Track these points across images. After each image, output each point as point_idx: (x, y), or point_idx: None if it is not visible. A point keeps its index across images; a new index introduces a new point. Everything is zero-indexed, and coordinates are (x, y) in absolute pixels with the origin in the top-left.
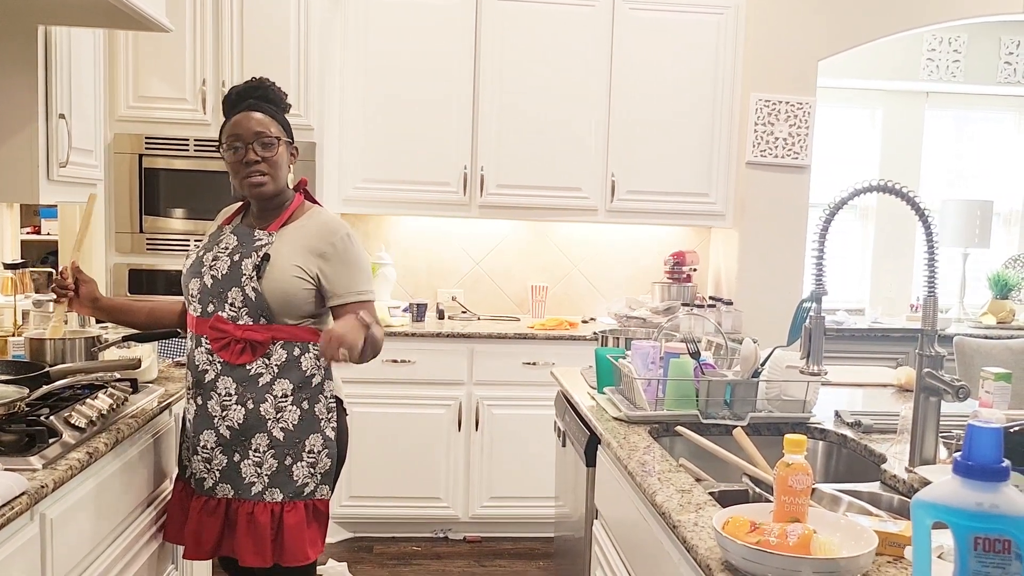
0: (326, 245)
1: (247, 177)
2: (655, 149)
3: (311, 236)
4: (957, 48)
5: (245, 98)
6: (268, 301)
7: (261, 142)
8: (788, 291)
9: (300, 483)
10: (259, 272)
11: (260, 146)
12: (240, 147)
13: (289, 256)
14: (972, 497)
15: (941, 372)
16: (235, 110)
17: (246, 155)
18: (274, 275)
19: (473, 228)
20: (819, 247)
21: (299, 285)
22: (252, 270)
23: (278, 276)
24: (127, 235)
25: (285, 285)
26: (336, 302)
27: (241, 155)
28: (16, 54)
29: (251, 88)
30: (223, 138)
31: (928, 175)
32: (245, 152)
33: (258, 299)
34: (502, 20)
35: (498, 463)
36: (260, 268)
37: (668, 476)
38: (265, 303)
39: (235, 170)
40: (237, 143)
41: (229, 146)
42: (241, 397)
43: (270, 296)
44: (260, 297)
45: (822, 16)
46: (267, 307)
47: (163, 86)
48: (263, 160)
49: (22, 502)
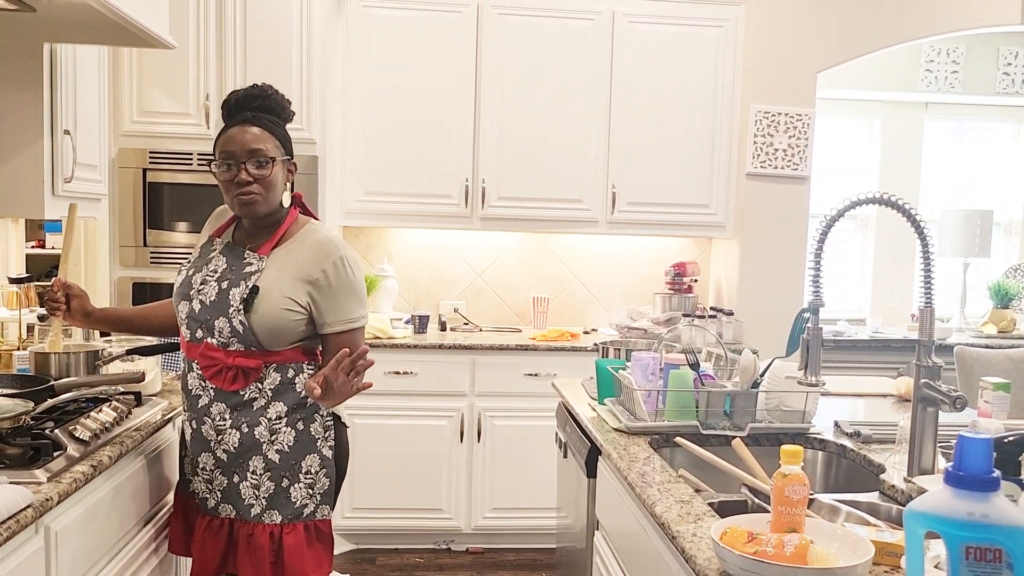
0: (318, 272)
1: (237, 196)
2: (655, 161)
3: (303, 261)
4: (956, 59)
5: (244, 107)
6: (256, 333)
7: (255, 160)
8: (789, 301)
9: (299, 505)
10: (247, 305)
11: (253, 165)
12: (232, 165)
13: (279, 287)
14: (963, 507)
15: (938, 382)
16: (232, 120)
17: (238, 174)
18: (262, 308)
19: (475, 240)
20: (816, 258)
21: (289, 317)
22: (240, 303)
23: (266, 310)
24: (131, 248)
25: (274, 318)
26: (326, 331)
27: (233, 174)
28: (22, 71)
29: (251, 96)
30: (215, 151)
31: (928, 185)
32: (237, 171)
33: (245, 332)
34: (503, 33)
35: (500, 474)
36: (248, 302)
37: (668, 487)
38: (252, 335)
39: (226, 188)
40: (229, 160)
41: (221, 163)
42: (235, 421)
43: (258, 328)
44: (247, 330)
45: (821, 28)
46: (255, 339)
47: (167, 101)
48: (255, 180)
49: (27, 515)
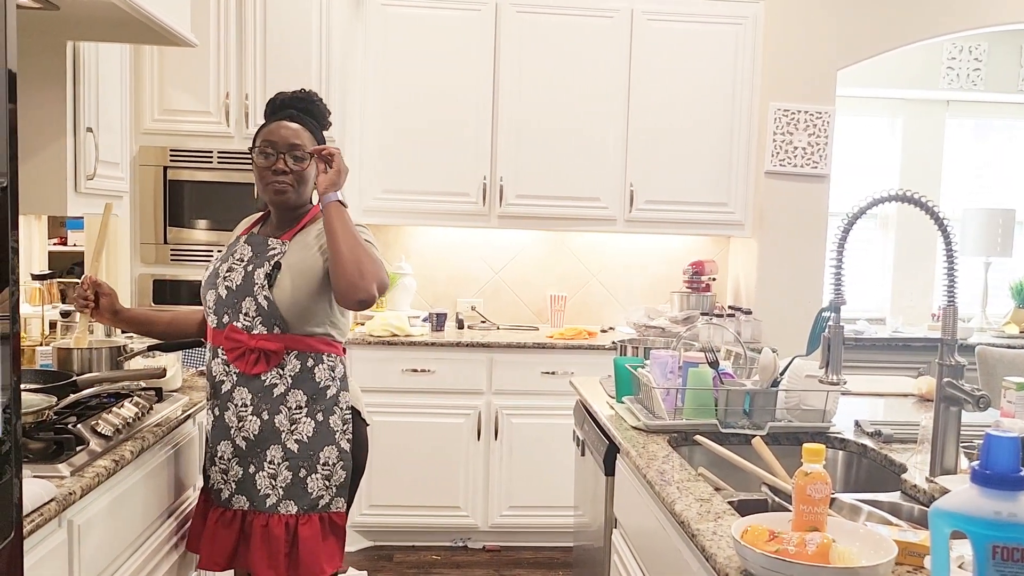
0: None
1: (271, 184)
2: (674, 159)
3: (322, 234)
4: (978, 56)
5: (289, 106)
6: (280, 309)
7: (293, 155)
8: (807, 300)
9: (315, 496)
10: (270, 281)
11: (292, 158)
12: (272, 154)
13: (301, 259)
14: (990, 506)
15: (961, 382)
16: (275, 116)
17: (275, 163)
18: (285, 283)
19: (492, 238)
20: (837, 257)
21: (311, 288)
22: (264, 279)
23: (289, 284)
24: (152, 246)
25: (296, 292)
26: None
27: (271, 162)
28: (45, 69)
29: (297, 99)
30: (257, 141)
31: (949, 184)
32: (275, 160)
33: (270, 307)
34: (521, 31)
35: (517, 472)
36: (271, 277)
37: (687, 485)
38: (277, 311)
39: (262, 175)
40: (269, 149)
41: (261, 151)
42: (256, 408)
43: (281, 303)
44: (272, 305)
45: (841, 25)
46: (279, 315)
47: (187, 99)
48: (291, 172)
49: (51, 509)
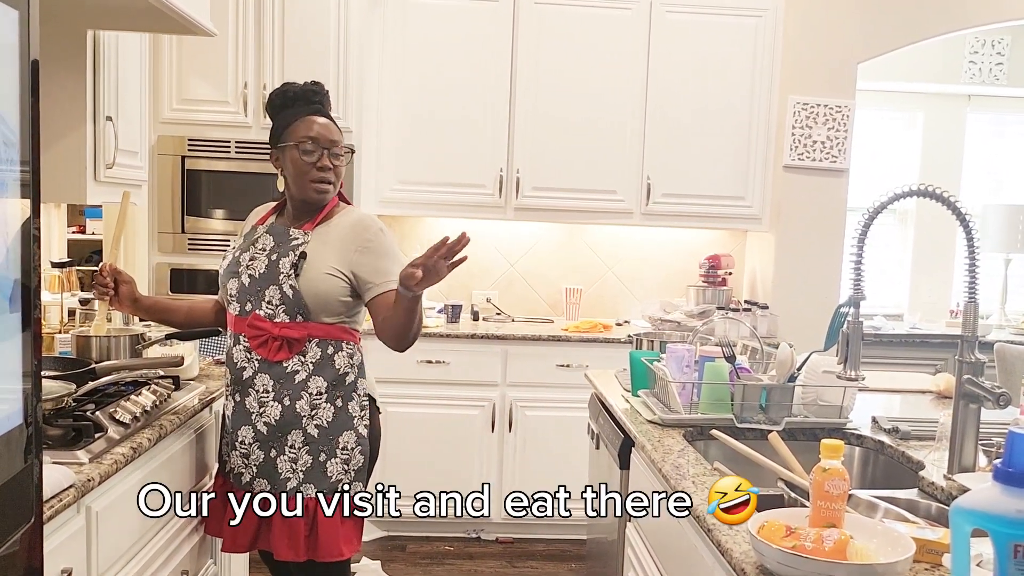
0: (361, 241)
1: (315, 181)
2: (691, 152)
3: (345, 235)
4: (1000, 51)
5: (309, 100)
6: (304, 298)
7: (334, 152)
8: (825, 296)
9: (334, 479)
10: (296, 270)
11: (332, 156)
12: (315, 150)
13: (325, 255)
14: (1013, 504)
15: (981, 379)
16: (302, 109)
17: (321, 160)
18: (310, 273)
19: (508, 230)
20: (858, 251)
21: (334, 284)
22: (290, 268)
23: (314, 275)
24: (169, 235)
25: (320, 284)
26: (373, 292)
27: (316, 158)
28: (66, 58)
29: (312, 92)
30: (288, 136)
31: (969, 179)
32: (321, 157)
33: (295, 296)
34: (539, 23)
35: (531, 464)
36: (297, 266)
37: (703, 479)
38: (302, 300)
39: (304, 170)
40: (310, 146)
41: (301, 147)
42: (278, 394)
43: (306, 293)
44: (297, 294)
45: (862, 18)
46: (303, 304)
47: (206, 89)
48: (332, 168)
49: (69, 495)
